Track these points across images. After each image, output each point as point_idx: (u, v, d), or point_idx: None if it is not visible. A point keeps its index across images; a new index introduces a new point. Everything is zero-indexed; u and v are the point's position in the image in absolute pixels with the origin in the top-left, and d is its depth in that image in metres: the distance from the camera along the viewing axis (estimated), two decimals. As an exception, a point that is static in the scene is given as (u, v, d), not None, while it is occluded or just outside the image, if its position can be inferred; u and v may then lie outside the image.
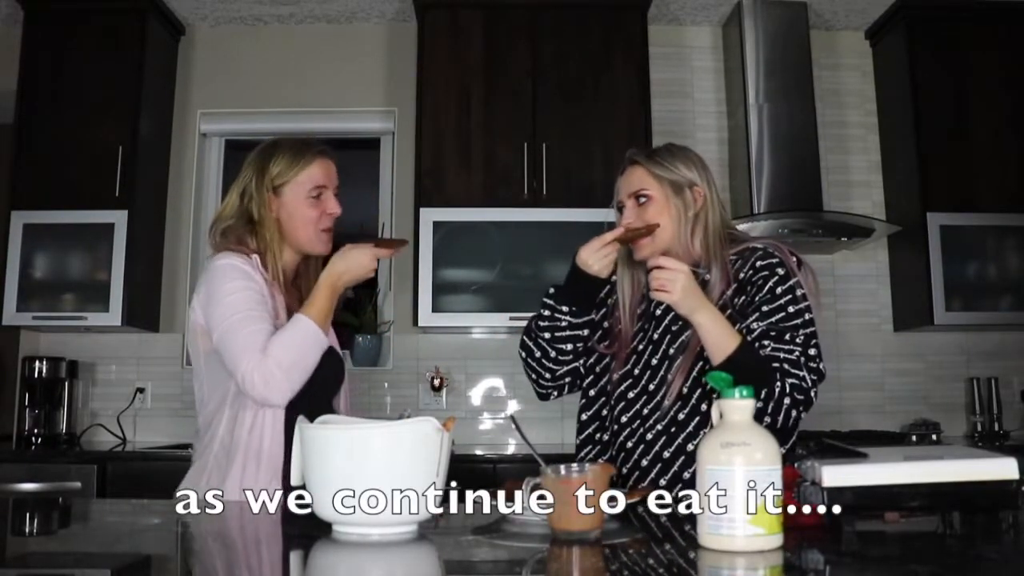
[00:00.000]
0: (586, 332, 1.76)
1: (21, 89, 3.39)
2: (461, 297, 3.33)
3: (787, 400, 1.55)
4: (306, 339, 1.62)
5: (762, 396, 1.52)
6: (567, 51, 3.48)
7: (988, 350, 3.66)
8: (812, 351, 1.58)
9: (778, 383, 1.54)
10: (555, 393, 1.84)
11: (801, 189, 3.46)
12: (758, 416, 1.46)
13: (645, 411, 1.67)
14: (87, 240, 3.33)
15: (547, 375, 1.80)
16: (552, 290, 1.76)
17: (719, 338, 1.56)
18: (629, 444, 1.68)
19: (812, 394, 1.57)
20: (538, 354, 1.78)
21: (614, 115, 3.43)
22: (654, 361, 1.69)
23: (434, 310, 3.28)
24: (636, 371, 1.71)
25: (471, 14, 3.50)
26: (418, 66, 3.49)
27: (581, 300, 1.74)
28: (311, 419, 1.26)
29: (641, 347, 1.72)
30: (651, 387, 1.68)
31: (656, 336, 1.71)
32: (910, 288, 3.54)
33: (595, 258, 1.67)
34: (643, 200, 1.71)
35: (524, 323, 1.84)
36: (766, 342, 1.57)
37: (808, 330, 1.59)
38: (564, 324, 1.74)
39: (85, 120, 3.36)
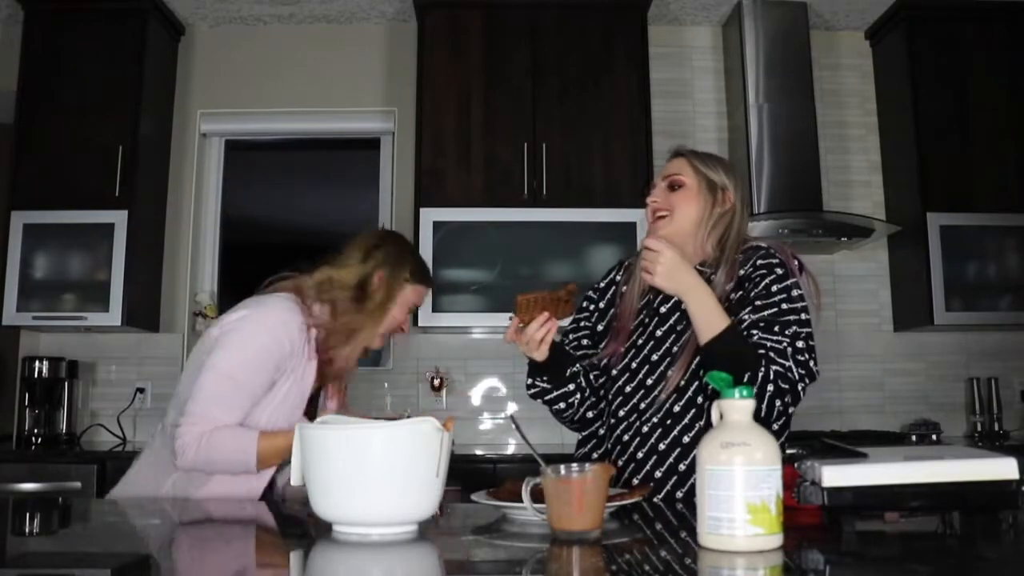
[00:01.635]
0: (572, 388, 1.74)
1: (21, 89, 3.40)
2: (461, 297, 3.33)
3: (770, 387, 1.53)
4: (239, 458, 1.64)
5: (744, 381, 1.52)
6: (567, 51, 3.48)
7: (988, 350, 3.66)
8: (800, 344, 1.57)
9: (762, 369, 1.53)
10: (591, 427, 1.81)
11: (801, 189, 3.46)
12: None
13: (642, 405, 1.68)
14: (87, 240, 3.33)
15: (568, 423, 1.82)
16: (527, 362, 1.73)
17: (708, 319, 1.56)
18: (625, 437, 1.69)
19: (799, 387, 1.56)
20: (550, 410, 1.79)
21: (614, 115, 3.43)
22: (654, 357, 1.70)
23: (434, 310, 3.28)
24: (634, 365, 1.71)
25: (471, 14, 3.50)
26: (418, 66, 3.50)
27: (550, 374, 1.72)
28: None
29: (640, 341, 1.72)
30: (649, 382, 1.69)
31: (659, 333, 1.71)
32: (910, 288, 3.54)
33: (534, 352, 1.63)
34: (677, 187, 1.74)
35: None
36: (754, 331, 1.58)
37: (800, 327, 1.59)
38: (548, 388, 1.74)
39: (85, 120, 3.36)
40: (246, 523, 1.50)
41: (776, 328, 1.57)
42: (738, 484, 1.01)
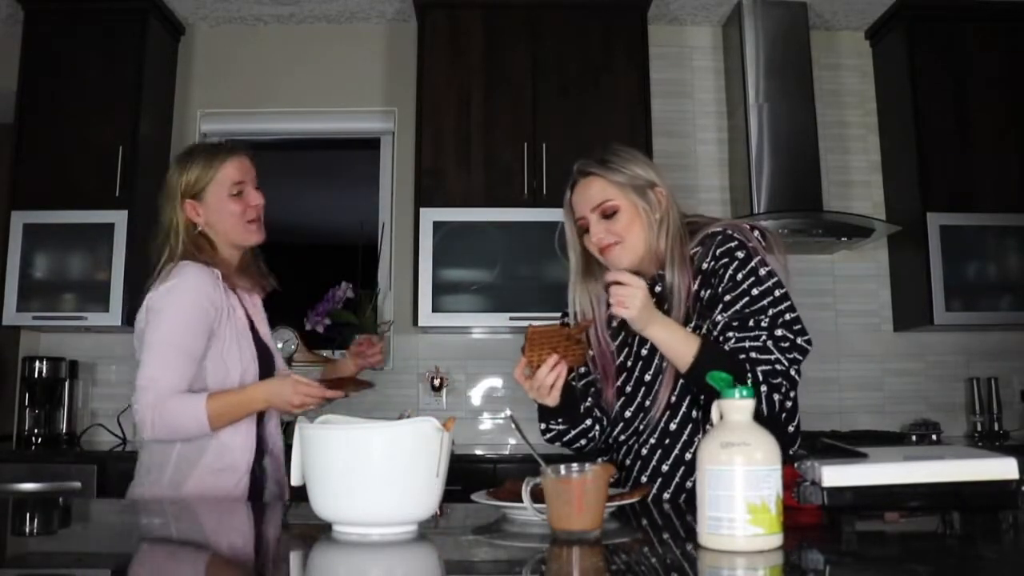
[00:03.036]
0: (590, 423, 1.71)
1: (21, 89, 3.39)
2: (461, 297, 3.33)
3: (763, 388, 1.49)
4: (192, 421, 1.71)
5: None
6: (567, 51, 3.48)
7: (988, 350, 3.66)
8: (779, 332, 1.51)
9: (749, 374, 1.48)
10: (611, 452, 1.77)
11: (801, 189, 3.46)
12: None
13: (640, 427, 1.64)
14: (87, 240, 3.32)
15: (588, 453, 1.78)
16: (538, 406, 1.68)
17: (677, 347, 1.51)
18: (627, 462, 1.66)
19: (792, 371, 1.51)
20: (569, 449, 1.75)
21: (614, 115, 3.42)
22: (647, 377, 1.64)
23: (434, 310, 3.28)
24: (628, 388, 1.66)
25: (471, 14, 3.50)
26: (418, 66, 3.50)
27: (565, 415, 1.68)
28: None
29: (629, 363, 1.67)
30: (647, 403, 1.64)
31: (645, 352, 1.65)
32: (910, 288, 3.54)
33: (545, 399, 1.58)
34: (611, 213, 1.62)
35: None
36: (730, 333, 1.52)
37: (777, 308, 1.52)
38: (565, 430, 1.71)
39: (85, 120, 3.36)
40: (246, 522, 1.50)
41: (751, 323, 1.51)
42: (738, 484, 1.01)
